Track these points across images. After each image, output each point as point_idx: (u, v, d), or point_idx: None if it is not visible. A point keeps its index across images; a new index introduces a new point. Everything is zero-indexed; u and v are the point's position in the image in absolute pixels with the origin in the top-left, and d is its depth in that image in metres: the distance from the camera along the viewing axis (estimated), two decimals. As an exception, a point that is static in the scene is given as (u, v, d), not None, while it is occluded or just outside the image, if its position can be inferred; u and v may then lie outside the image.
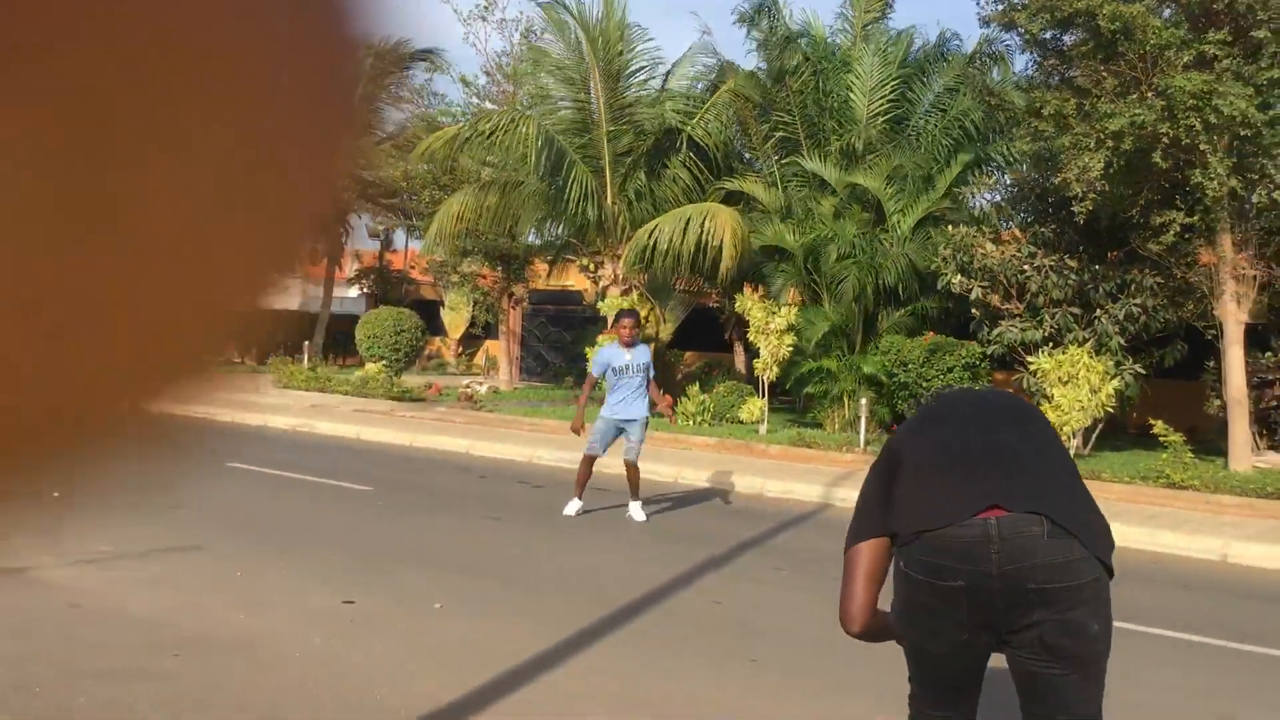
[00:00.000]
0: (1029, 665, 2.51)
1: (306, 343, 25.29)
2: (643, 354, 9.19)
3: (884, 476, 2.74)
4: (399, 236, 32.90)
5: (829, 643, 5.59)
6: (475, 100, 24.71)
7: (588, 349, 18.26)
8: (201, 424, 0.37)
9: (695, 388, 17.58)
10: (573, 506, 9.14)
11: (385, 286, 31.38)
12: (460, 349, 32.00)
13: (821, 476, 11.74)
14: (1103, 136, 12.06)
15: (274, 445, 13.29)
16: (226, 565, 6.50)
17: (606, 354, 9.23)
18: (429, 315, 29.33)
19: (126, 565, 6.32)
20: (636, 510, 9.13)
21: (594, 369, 9.29)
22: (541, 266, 26.16)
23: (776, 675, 4.97)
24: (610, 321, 18.00)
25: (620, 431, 9.12)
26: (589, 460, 9.14)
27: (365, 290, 31.92)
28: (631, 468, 9.15)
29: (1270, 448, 14.20)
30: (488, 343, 31.00)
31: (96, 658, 4.58)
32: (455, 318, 30.35)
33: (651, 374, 9.24)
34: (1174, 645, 5.92)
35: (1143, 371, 14.41)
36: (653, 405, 9.39)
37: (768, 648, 5.42)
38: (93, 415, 0.34)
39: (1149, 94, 11.92)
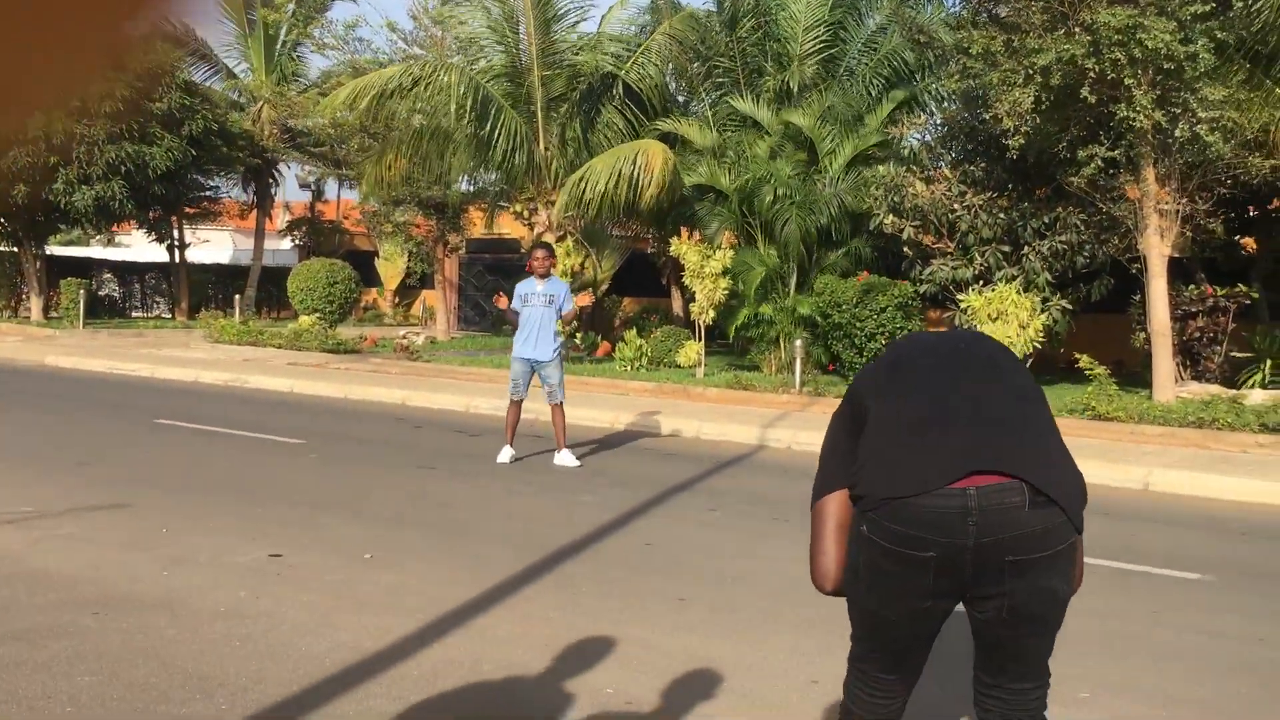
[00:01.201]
0: (993, 629, 2.45)
1: (237, 296, 24.88)
2: (555, 286, 9.12)
3: (848, 425, 2.61)
4: (330, 187, 32.36)
5: (757, 579, 5.67)
6: (403, 46, 24.21)
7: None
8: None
9: (633, 333, 17.57)
10: (505, 454, 9.10)
11: (318, 238, 30.93)
12: (396, 300, 31.70)
13: (757, 419, 11.82)
14: (1031, 72, 12.12)
15: (205, 401, 13.09)
16: (152, 522, 6.40)
17: (521, 286, 9.19)
18: (364, 266, 28.97)
19: (47, 525, 6.19)
20: (566, 457, 9.08)
21: (514, 302, 9.20)
22: (477, 215, 25.92)
23: (704, 612, 5.02)
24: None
25: (534, 372, 9.07)
26: (515, 404, 9.10)
27: (298, 242, 31.43)
28: (556, 410, 9.09)
29: (1194, 378, 14.54)
30: (424, 293, 30.74)
31: (11, 618, 4.50)
32: (390, 268, 30.03)
33: (565, 309, 9.13)
34: (1093, 572, 6.05)
35: (1070, 307, 14.65)
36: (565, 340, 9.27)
37: (697, 586, 5.47)
38: None
39: (1076, 29, 11.98)
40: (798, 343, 14.78)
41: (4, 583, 5.02)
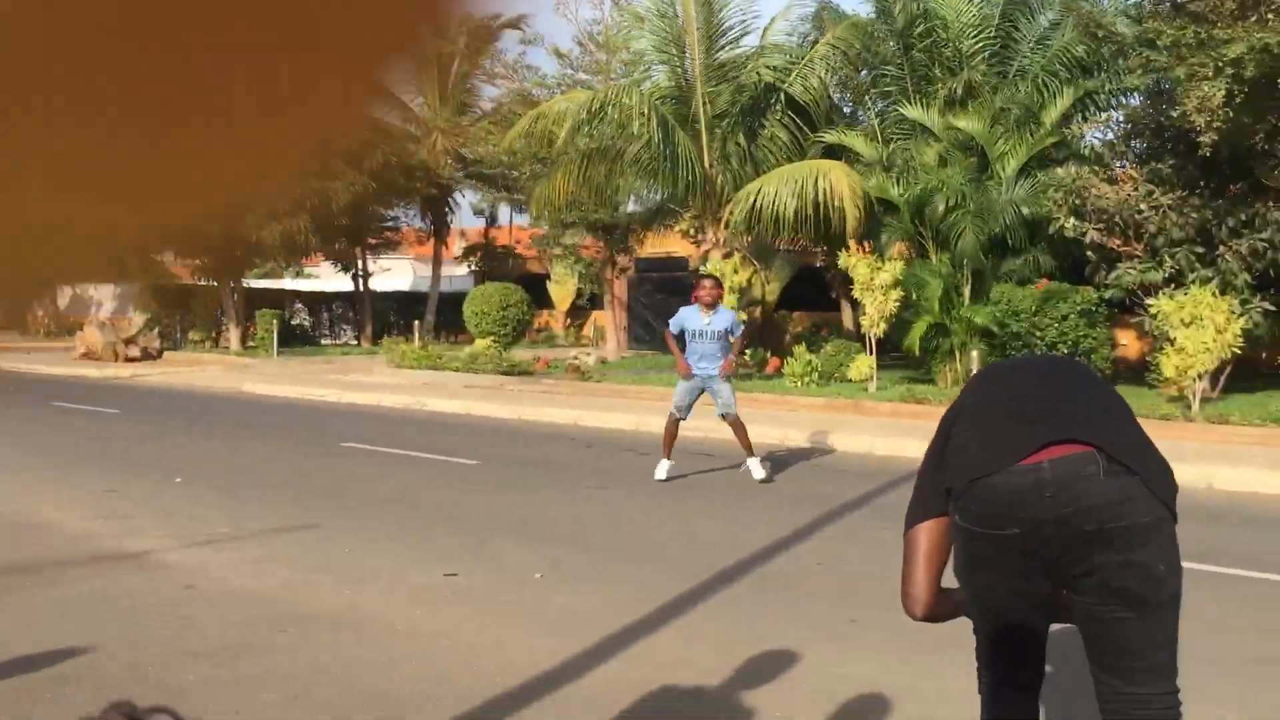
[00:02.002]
0: (1093, 610, 2.40)
1: (417, 322, 25.80)
2: (723, 319, 9.02)
3: (939, 453, 2.64)
4: (503, 213, 33.29)
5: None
6: (569, 71, 24.73)
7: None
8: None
9: (801, 348, 17.36)
10: (662, 468, 9.07)
11: (492, 263, 31.81)
12: (568, 321, 32.29)
13: (930, 433, 11.47)
14: (1221, 64, 11.44)
15: (386, 424, 13.60)
16: (336, 543, 6.66)
17: (684, 313, 9.14)
18: (536, 289, 29.65)
19: (241, 546, 6.53)
20: (755, 467, 8.99)
21: (671, 326, 9.20)
22: (645, 234, 26.19)
23: (876, 636, 4.88)
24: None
25: (701, 390, 9.02)
26: (673, 422, 9.07)
27: (473, 268, 32.41)
28: (734, 423, 9.01)
29: None
30: (595, 313, 31.21)
31: (207, 637, 4.74)
32: (561, 290, 30.61)
33: (734, 337, 9.08)
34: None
35: (1272, 308, 13.72)
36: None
37: (869, 609, 5.32)
38: None
39: (1270, 15, 11.26)
40: (974, 354, 14.33)
41: (202, 601, 5.31)
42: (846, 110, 20.21)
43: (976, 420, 2.56)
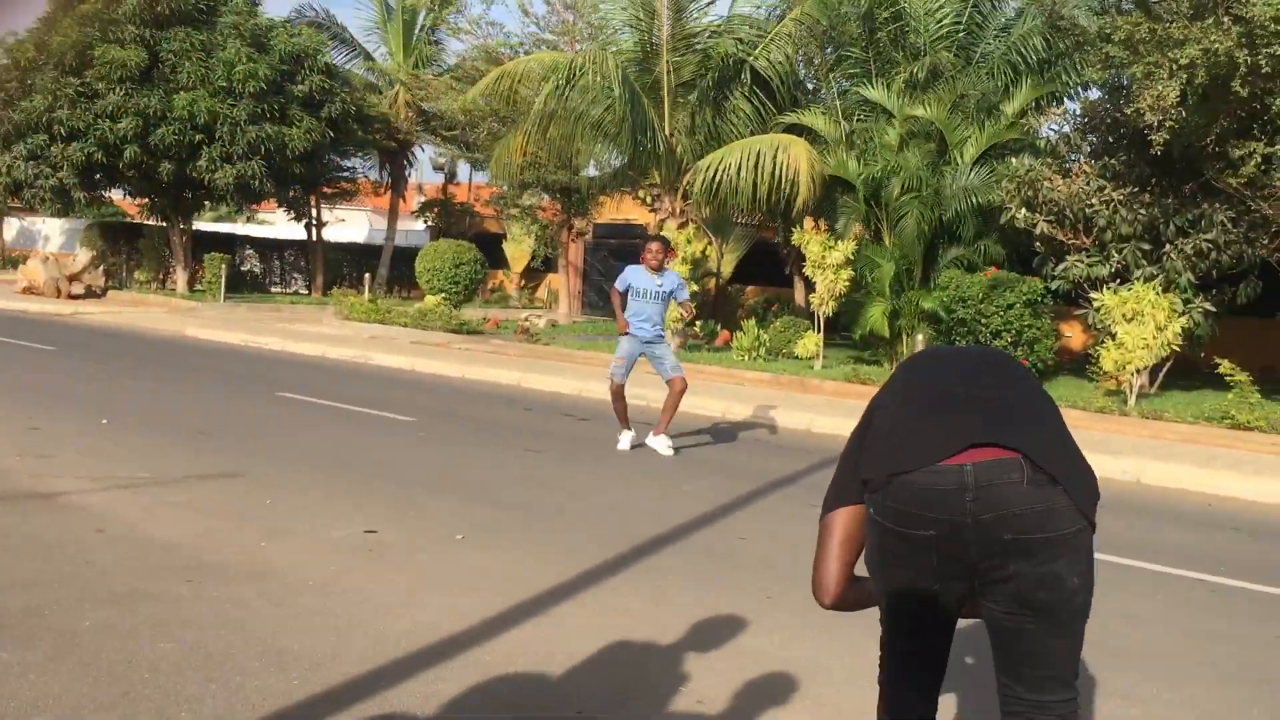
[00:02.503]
0: (1004, 620, 2.37)
1: (367, 275, 25.52)
2: (669, 281, 8.99)
3: (861, 440, 2.58)
4: (462, 170, 32.94)
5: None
6: (535, 30, 24.44)
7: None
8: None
9: (751, 322, 17.37)
10: (625, 440, 9.00)
11: (449, 219, 31.50)
12: (523, 282, 32.09)
13: (872, 413, 11.53)
14: (1176, 66, 11.50)
15: (328, 376, 13.44)
16: (258, 493, 6.56)
17: (630, 272, 9.04)
18: (492, 249, 29.43)
19: (158, 491, 6.41)
20: (660, 444, 8.93)
21: (618, 284, 9.11)
22: (603, 199, 26.03)
23: (791, 611, 4.88)
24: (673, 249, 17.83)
25: (640, 354, 8.97)
26: (616, 390, 8.97)
27: (430, 223, 32.08)
28: (679, 385, 8.89)
29: (1348, 389, 13.67)
30: (549, 276, 31.04)
31: (110, 583, 4.64)
32: (517, 251, 30.40)
33: (682, 298, 9.05)
34: (1213, 590, 5.71)
35: (1213, 309, 13.92)
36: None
37: (786, 584, 5.33)
38: None
39: (1225, 19, 11.31)
40: (919, 337, 14.41)
41: (110, 547, 5.20)
42: (810, 87, 20.13)
43: (899, 411, 2.50)
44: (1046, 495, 2.26)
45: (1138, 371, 12.86)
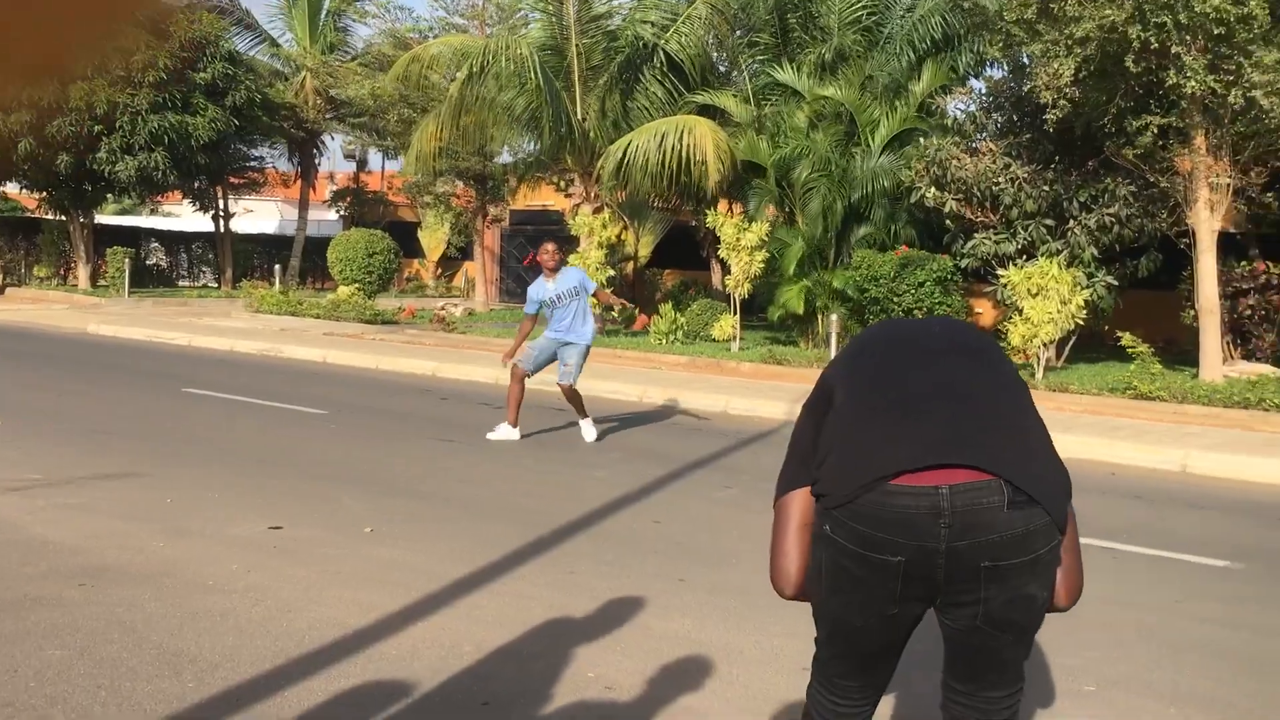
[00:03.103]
0: (968, 637, 2.25)
1: (277, 266, 25.00)
2: (571, 278, 8.86)
3: (816, 417, 2.38)
4: (375, 158, 32.42)
5: (762, 561, 5.50)
6: (444, 14, 24.10)
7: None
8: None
9: (668, 306, 17.38)
10: (500, 431, 8.76)
11: (362, 208, 30.97)
12: (439, 271, 31.73)
13: (788, 394, 11.61)
14: (1071, 43, 11.71)
15: (237, 370, 13.14)
16: (160, 493, 6.37)
17: (534, 290, 8.89)
18: (407, 237, 29.02)
19: (52, 493, 6.18)
20: (588, 429, 8.91)
21: (528, 308, 8.95)
22: (518, 186, 25.81)
23: (702, 594, 4.88)
24: (589, 234, 17.73)
25: (554, 355, 8.85)
26: (518, 378, 8.82)
27: (342, 213, 31.52)
28: (568, 391, 8.85)
29: (1244, 358, 14.11)
30: (466, 264, 30.73)
31: (-3, 588, 4.47)
32: (432, 239, 30.04)
33: (590, 289, 8.95)
34: (1114, 556, 5.84)
35: (1115, 283, 14.26)
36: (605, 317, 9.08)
37: (699, 567, 5.32)
38: None
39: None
40: (833, 317, 14.54)
41: (-2, 551, 5.00)
42: (723, 70, 20.15)
43: (858, 408, 2.27)
44: (1026, 517, 2.10)
45: (1045, 345, 13.12)
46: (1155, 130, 12.19)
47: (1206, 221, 12.65)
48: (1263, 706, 3.82)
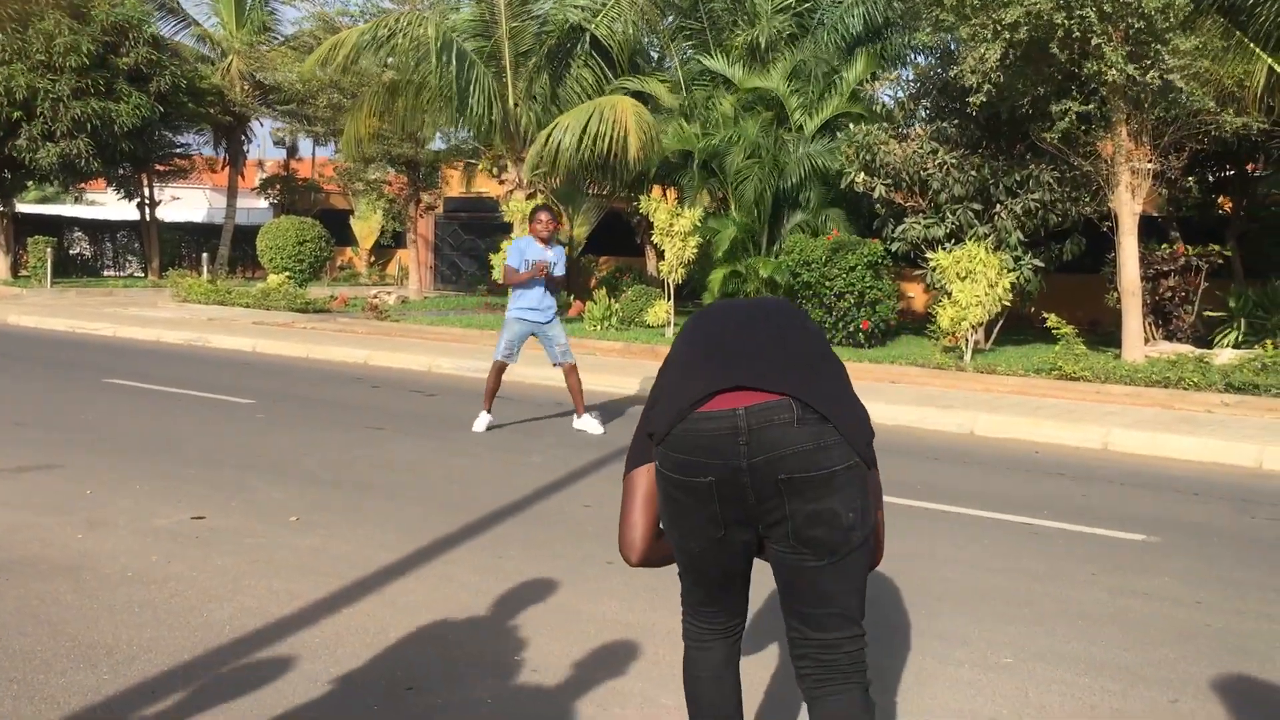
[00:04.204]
0: (784, 558, 2.40)
1: (205, 255, 24.56)
2: (558, 253, 8.77)
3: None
4: (305, 144, 31.94)
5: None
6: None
7: (497, 255, 17.92)
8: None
9: (602, 292, 17.37)
10: (481, 421, 8.62)
11: (293, 196, 30.52)
12: (372, 259, 31.39)
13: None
14: (999, 27, 11.87)
15: (162, 361, 12.89)
16: (78, 484, 6.24)
17: (523, 244, 8.65)
18: (339, 225, 28.66)
19: (-34, 487, 6.02)
20: (589, 422, 8.71)
21: (510, 258, 8.63)
22: (451, 172, 25.59)
23: (631, 577, 4.88)
24: (522, 220, 17.62)
25: (531, 333, 8.73)
26: (499, 369, 8.68)
27: (272, 201, 31.02)
28: (570, 372, 8.72)
29: (1165, 338, 14.45)
30: (400, 252, 30.43)
31: (-96, 585, 4.34)
32: (365, 227, 29.69)
33: (558, 274, 8.82)
34: (1034, 532, 5.95)
35: (1041, 265, 14.51)
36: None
37: (628, 550, 5.33)
38: None
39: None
40: (766, 302, 14.61)
41: (-94, 547, 4.86)
42: (654, 56, 20.14)
43: (676, 366, 2.53)
44: (816, 433, 2.29)
45: (973, 328, 13.32)
46: (1073, 117, 12.42)
47: (1128, 205, 12.92)
48: (1177, 676, 3.92)
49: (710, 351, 2.47)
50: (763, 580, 2.97)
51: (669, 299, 16.34)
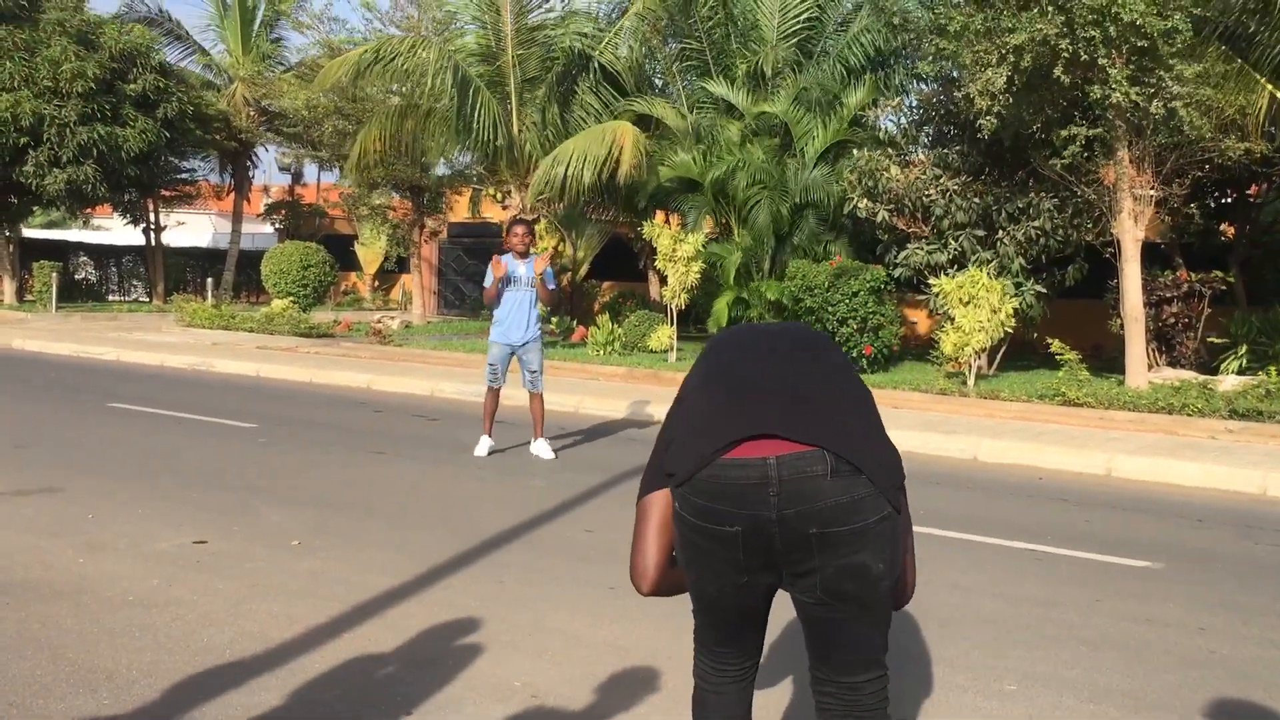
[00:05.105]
0: (811, 609, 2.36)
1: (209, 280, 24.63)
2: (535, 267, 8.78)
3: (676, 421, 2.51)
4: (310, 170, 32.09)
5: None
6: (379, 26, 23.95)
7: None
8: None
9: (605, 317, 17.40)
10: (483, 446, 8.65)
11: (298, 221, 30.63)
12: (376, 284, 31.46)
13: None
14: (1004, 52, 11.92)
15: (166, 385, 12.91)
16: (80, 508, 6.24)
17: (502, 262, 8.71)
18: (344, 250, 28.76)
19: (-32, 511, 6.02)
20: (542, 448, 8.73)
21: (486, 278, 8.68)
22: (455, 198, 25.68)
23: (634, 602, 4.86)
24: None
25: (513, 354, 8.75)
26: (491, 394, 8.72)
27: (277, 226, 31.14)
28: (535, 399, 8.78)
29: (1168, 364, 14.43)
30: (403, 277, 30.50)
31: (-95, 608, 4.33)
32: (369, 252, 29.78)
33: (550, 285, 8.83)
34: (1038, 559, 5.93)
35: (1044, 291, 14.53)
36: (546, 319, 8.88)
37: (629, 576, 5.31)
38: None
39: (1050, 8, 11.78)
40: (769, 327, 14.63)
41: (-93, 570, 4.86)
42: (658, 83, 20.25)
43: (700, 399, 2.43)
44: (850, 485, 2.22)
45: (976, 354, 13.32)
46: (1081, 142, 12.46)
47: (1130, 231, 12.94)
48: (1180, 702, 3.90)
49: (735, 387, 2.39)
50: (778, 609, 2.96)
51: (672, 324, 16.36)
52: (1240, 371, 13.92)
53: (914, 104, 16.44)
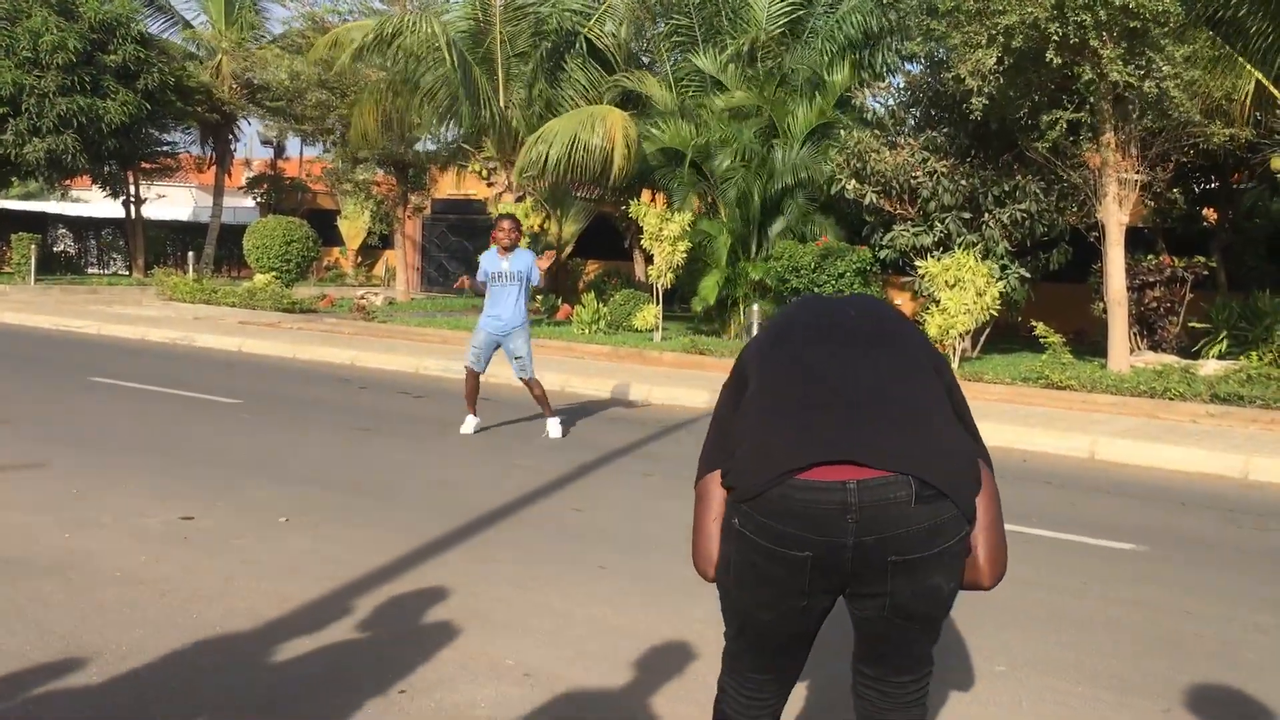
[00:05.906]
0: (874, 625, 2.27)
1: (190, 253, 24.46)
2: (522, 260, 8.75)
3: (734, 398, 2.36)
4: (293, 144, 31.81)
5: (683, 547, 5.51)
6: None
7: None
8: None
9: (591, 296, 17.36)
10: (469, 424, 8.64)
11: (280, 195, 30.39)
12: (359, 260, 31.29)
13: (708, 383, 11.67)
14: (995, 33, 11.88)
15: (148, 359, 12.82)
16: (65, 483, 6.19)
17: (486, 260, 8.75)
18: (327, 225, 28.56)
19: (-49, 485, 5.97)
20: (553, 426, 8.68)
21: (479, 275, 8.77)
22: (439, 174, 25.52)
23: (624, 580, 4.88)
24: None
25: (498, 345, 8.74)
26: (471, 375, 8.68)
27: (259, 200, 30.89)
28: (532, 385, 8.72)
29: (1150, 348, 14.51)
30: (387, 253, 30.35)
31: (-111, 582, 4.30)
32: (352, 227, 29.59)
33: (534, 282, 8.85)
34: (1025, 540, 5.96)
35: (1028, 275, 14.56)
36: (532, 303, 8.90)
37: (620, 554, 5.32)
38: None
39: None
40: (755, 307, 14.63)
41: (-109, 544, 4.82)
42: (646, 60, 20.14)
43: (769, 398, 2.25)
44: (934, 512, 2.10)
45: (961, 336, 13.35)
46: (1066, 125, 12.46)
47: (1115, 216, 12.98)
48: (1166, 684, 3.94)
49: (810, 391, 2.21)
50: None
51: (657, 303, 16.33)
52: (1221, 356, 14.01)
53: (901, 86, 16.41)
